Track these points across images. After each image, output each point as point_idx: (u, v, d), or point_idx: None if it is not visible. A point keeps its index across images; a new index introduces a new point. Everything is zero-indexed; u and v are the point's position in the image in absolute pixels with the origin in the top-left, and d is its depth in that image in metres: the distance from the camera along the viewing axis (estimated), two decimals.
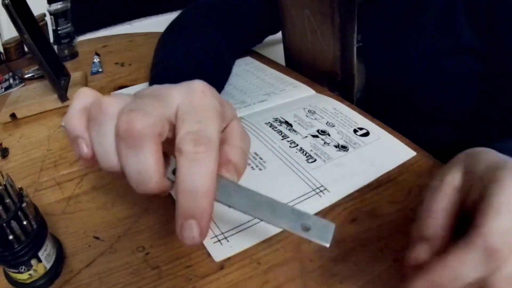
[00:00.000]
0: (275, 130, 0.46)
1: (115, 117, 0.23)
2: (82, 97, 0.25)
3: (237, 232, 0.33)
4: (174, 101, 0.25)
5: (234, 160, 0.27)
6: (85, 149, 0.25)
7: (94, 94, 0.26)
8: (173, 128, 0.24)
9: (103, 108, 0.24)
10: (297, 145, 0.44)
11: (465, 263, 0.21)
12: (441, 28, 0.45)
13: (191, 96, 0.25)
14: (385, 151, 0.42)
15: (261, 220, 0.24)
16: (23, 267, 0.28)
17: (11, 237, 0.26)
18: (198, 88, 0.25)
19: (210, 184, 0.23)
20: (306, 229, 0.24)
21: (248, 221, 0.34)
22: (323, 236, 0.24)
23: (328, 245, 0.24)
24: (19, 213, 0.27)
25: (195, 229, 0.22)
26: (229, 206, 0.25)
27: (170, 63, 0.51)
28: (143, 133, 0.22)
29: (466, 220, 0.23)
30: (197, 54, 0.53)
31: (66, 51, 0.78)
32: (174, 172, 0.24)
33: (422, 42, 0.48)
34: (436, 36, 0.46)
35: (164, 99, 0.25)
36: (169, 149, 0.25)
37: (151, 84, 0.49)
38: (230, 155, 0.27)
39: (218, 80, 0.54)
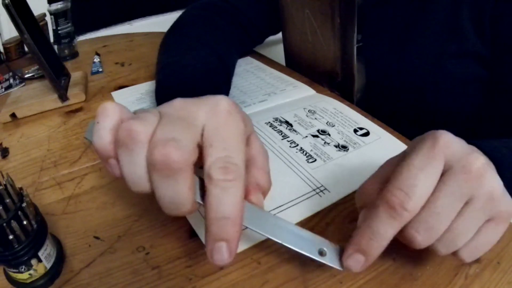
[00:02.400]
0: (275, 130, 0.46)
1: (145, 144, 0.24)
2: (110, 115, 0.25)
3: None
4: (200, 121, 0.25)
5: (261, 184, 0.28)
6: (117, 171, 0.26)
7: (120, 110, 0.25)
8: (200, 148, 0.25)
9: (133, 135, 0.24)
10: (297, 145, 0.44)
11: (376, 221, 0.25)
12: (444, 31, 0.45)
13: (217, 117, 0.25)
14: (385, 151, 0.42)
15: (283, 244, 0.26)
16: (23, 267, 0.28)
17: (11, 237, 0.26)
18: (224, 108, 0.25)
19: (239, 212, 0.24)
20: (322, 253, 0.27)
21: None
22: (337, 260, 0.27)
23: (342, 269, 0.26)
24: (19, 213, 0.27)
25: (225, 252, 0.24)
26: (255, 231, 0.26)
27: (174, 67, 0.51)
28: (179, 164, 0.23)
29: None
30: (201, 56, 0.53)
31: (66, 51, 0.78)
32: (201, 195, 0.25)
33: (424, 45, 0.48)
34: (439, 39, 0.46)
35: (192, 122, 0.25)
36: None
37: (157, 88, 0.49)
38: (258, 179, 0.27)
39: (225, 81, 0.54)
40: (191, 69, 0.50)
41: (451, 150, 0.25)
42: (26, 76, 0.69)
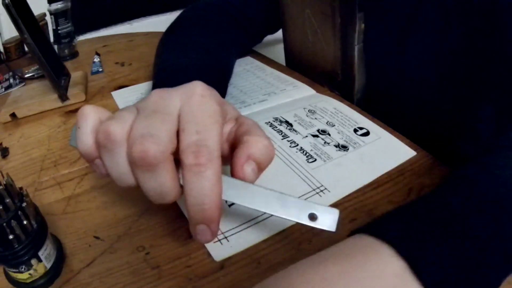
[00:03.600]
0: (275, 130, 0.46)
1: (124, 143, 0.25)
2: (88, 118, 0.26)
3: (237, 232, 0.33)
4: (175, 108, 0.25)
5: (255, 154, 0.26)
6: (103, 170, 0.27)
7: (98, 112, 0.26)
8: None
9: (111, 137, 0.24)
10: (297, 144, 0.44)
11: None
12: (444, 31, 0.45)
13: (190, 102, 0.25)
14: (385, 151, 0.42)
15: (271, 214, 0.26)
16: (23, 266, 0.28)
17: (11, 236, 0.26)
18: (197, 92, 0.26)
19: (215, 196, 0.24)
20: (313, 218, 0.26)
21: (248, 221, 0.34)
22: (329, 223, 0.26)
23: (334, 231, 0.26)
24: (19, 212, 0.27)
25: (207, 232, 0.25)
26: (239, 204, 0.26)
27: (172, 68, 0.51)
28: (157, 159, 0.24)
29: None
30: (199, 57, 0.53)
31: (66, 51, 0.78)
32: None
33: (424, 46, 0.48)
34: (438, 39, 0.46)
35: (167, 111, 0.25)
36: (177, 153, 0.25)
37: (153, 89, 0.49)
38: (250, 149, 0.26)
39: (221, 81, 0.54)
40: (185, 71, 0.50)
41: None
42: (26, 76, 0.69)
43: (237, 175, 0.26)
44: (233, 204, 0.26)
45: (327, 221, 0.26)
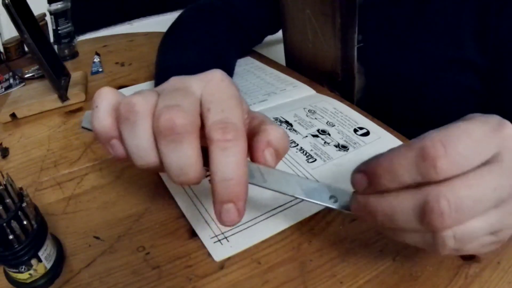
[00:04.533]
0: None
1: (148, 116, 0.24)
2: (107, 97, 0.26)
3: (237, 232, 0.33)
4: (197, 91, 0.25)
5: (273, 142, 0.27)
6: (121, 150, 0.26)
7: (116, 93, 0.26)
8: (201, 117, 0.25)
9: (136, 108, 0.24)
10: (297, 144, 0.44)
11: (399, 158, 0.22)
12: (443, 37, 0.45)
13: (211, 85, 0.26)
14: (385, 151, 0.42)
15: (294, 197, 0.26)
16: (23, 266, 0.28)
17: (11, 237, 0.26)
18: (217, 77, 0.26)
19: (242, 171, 0.24)
20: (335, 200, 0.26)
21: (248, 221, 0.34)
22: (348, 205, 0.26)
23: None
24: (19, 213, 0.27)
25: (233, 212, 0.24)
26: (263, 187, 0.26)
27: (173, 68, 0.51)
28: (185, 129, 0.23)
29: None
30: (200, 57, 0.53)
31: (66, 51, 0.77)
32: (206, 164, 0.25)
33: (423, 48, 0.48)
34: (437, 44, 0.46)
35: (189, 90, 0.25)
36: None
37: None
38: (269, 136, 0.27)
39: None
40: (187, 71, 0.50)
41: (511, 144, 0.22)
42: (26, 76, 0.69)
43: (258, 160, 0.27)
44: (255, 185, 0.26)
45: (347, 203, 0.26)
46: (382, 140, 0.44)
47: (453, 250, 0.22)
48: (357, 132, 0.45)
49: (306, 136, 0.45)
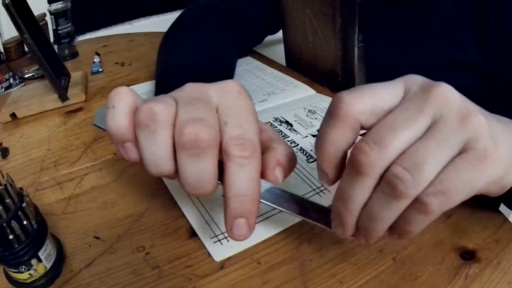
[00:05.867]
0: (275, 130, 0.46)
1: (167, 125, 0.24)
2: (125, 98, 0.25)
3: None
4: (214, 101, 0.25)
5: (281, 160, 0.27)
6: (135, 154, 0.25)
7: (134, 94, 0.25)
8: None
9: (157, 116, 0.23)
10: (297, 144, 0.44)
11: (348, 183, 0.23)
12: (443, 39, 0.45)
13: (228, 97, 0.25)
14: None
15: (300, 218, 0.27)
16: (23, 266, 0.28)
17: (11, 237, 0.26)
18: (233, 89, 0.26)
19: (257, 188, 0.24)
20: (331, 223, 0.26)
21: None
22: (328, 221, 0.26)
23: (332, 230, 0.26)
24: (19, 213, 0.27)
25: (244, 227, 0.25)
26: (273, 207, 0.27)
27: (174, 68, 0.51)
28: (208, 144, 0.23)
29: None
30: (200, 57, 0.53)
31: (66, 51, 0.78)
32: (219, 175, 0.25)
33: (423, 49, 0.48)
34: (437, 45, 0.46)
35: (207, 100, 0.25)
36: None
37: (157, 90, 0.49)
38: (278, 155, 0.27)
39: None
40: (190, 72, 0.50)
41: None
42: (26, 76, 0.69)
43: (268, 177, 0.27)
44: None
45: (327, 219, 0.27)
46: None
47: (416, 184, 0.21)
48: None
49: (306, 136, 0.45)
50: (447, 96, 0.22)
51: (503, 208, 0.36)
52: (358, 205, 0.23)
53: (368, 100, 0.23)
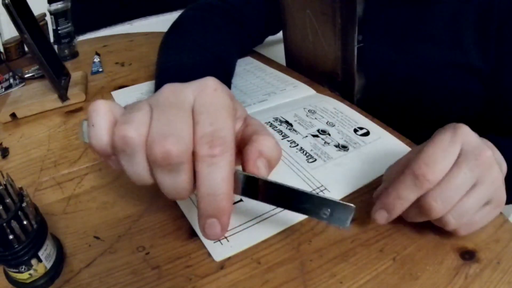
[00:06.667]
0: (275, 130, 0.46)
1: (142, 146, 0.24)
2: (102, 115, 0.25)
3: (237, 232, 0.33)
4: (189, 103, 0.25)
5: (265, 151, 0.27)
6: (119, 166, 0.26)
7: (112, 107, 0.26)
8: None
9: (129, 141, 0.24)
10: (297, 144, 0.44)
11: (401, 186, 0.29)
12: (443, 40, 0.45)
13: (203, 95, 0.25)
14: (385, 151, 0.42)
15: (285, 209, 0.27)
16: (23, 266, 0.28)
17: (11, 237, 0.26)
18: (210, 86, 0.26)
19: (228, 187, 0.24)
20: (328, 214, 0.27)
21: (248, 221, 0.34)
22: (343, 219, 0.27)
23: (347, 228, 0.27)
24: (19, 213, 0.27)
25: (217, 226, 0.25)
26: (253, 199, 0.26)
27: (174, 68, 0.51)
28: (180, 158, 0.23)
29: None
30: (200, 57, 0.53)
31: (66, 51, 0.77)
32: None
33: (423, 50, 0.48)
34: (438, 47, 0.46)
35: (182, 106, 0.25)
36: None
37: (156, 90, 0.49)
38: (261, 146, 0.27)
39: (224, 81, 0.54)
40: (188, 71, 0.50)
41: (468, 139, 0.30)
42: (26, 76, 0.69)
43: (250, 170, 0.26)
44: (237, 202, 0.26)
45: (341, 217, 0.27)
46: (382, 140, 0.44)
47: (459, 224, 0.30)
48: (357, 132, 0.45)
49: (306, 136, 0.45)
50: (489, 162, 0.29)
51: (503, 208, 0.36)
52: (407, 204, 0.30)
53: (441, 174, 0.29)
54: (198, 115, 0.25)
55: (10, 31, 0.81)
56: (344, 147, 0.43)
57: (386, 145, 0.43)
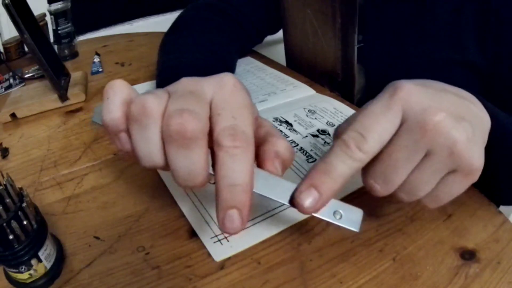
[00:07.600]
0: None
1: (159, 120, 0.24)
2: (119, 91, 0.25)
3: None
4: (208, 95, 0.25)
5: (281, 151, 0.27)
6: (128, 145, 0.26)
7: (129, 87, 0.26)
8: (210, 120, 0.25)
9: (148, 110, 0.24)
10: (298, 144, 0.44)
11: (331, 158, 0.26)
12: (443, 38, 0.45)
13: (223, 90, 0.25)
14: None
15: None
16: (24, 267, 0.28)
17: (11, 237, 0.26)
18: (229, 82, 0.26)
19: (249, 178, 0.24)
20: (338, 216, 0.27)
21: (249, 221, 0.34)
22: (354, 222, 0.27)
23: (357, 231, 0.27)
24: (19, 213, 0.27)
25: (236, 219, 0.24)
26: (266, 197, 0.26)
27: (174, 67, 0.51)
28: (195, 133, 0.23)
29: None
30: (201, 57, 0.53)
31: (66, 51, 0.77)
32: (212, 166, 0.25)
33: (423, 49, 0.48)
34: (438, 45, 0.46)
35: (200, 93, 0.25)
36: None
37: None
38: (276, 147, 0.27)
39: None
40: (189, 72, 0.50)
41: (410, 103, 0.25)
42: (26, 76, 0.69)
43: (268, 168, 0.27)
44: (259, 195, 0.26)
45: (352, 220, 0.27)
46: None
47: (414, 199, 0.27)
48: None
49: (306, 136, 0.45)
50: (439, 130, 0.24)
51: (503, 208, 0.36)
52: None
53: (377, 145, 0.25)
54: (220, 109, 0.25)
55: (10, 31, 0.82)
56: None
57: None
